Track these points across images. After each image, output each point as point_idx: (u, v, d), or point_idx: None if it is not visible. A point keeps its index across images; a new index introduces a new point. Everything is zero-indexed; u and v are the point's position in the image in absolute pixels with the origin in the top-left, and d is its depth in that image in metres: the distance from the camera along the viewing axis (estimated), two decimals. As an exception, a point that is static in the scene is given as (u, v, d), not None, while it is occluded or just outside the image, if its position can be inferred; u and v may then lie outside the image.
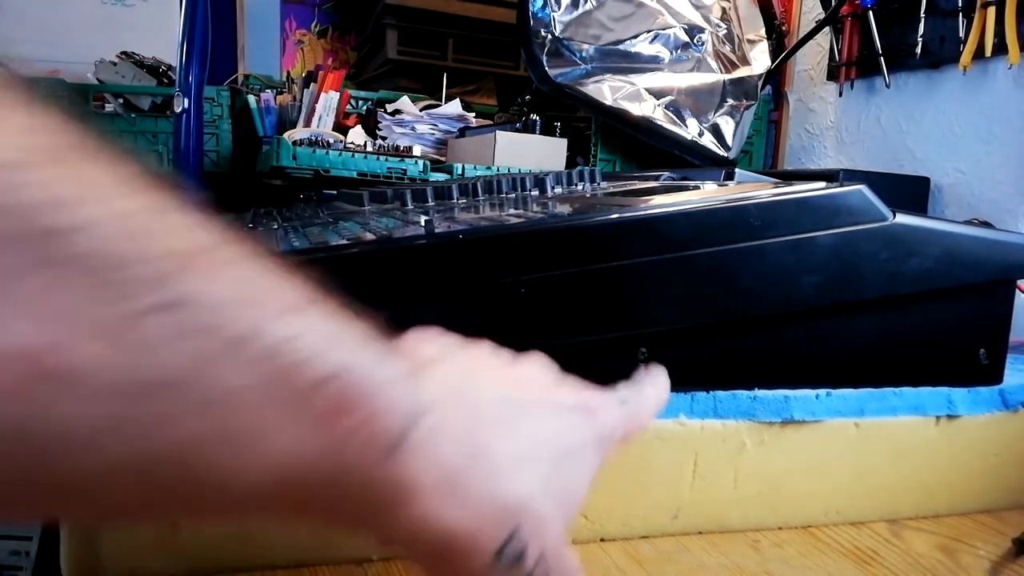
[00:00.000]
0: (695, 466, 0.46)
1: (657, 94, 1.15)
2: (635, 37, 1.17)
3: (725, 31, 1.23)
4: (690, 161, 1.17)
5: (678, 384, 0.45)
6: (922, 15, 1.04)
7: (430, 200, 0.66)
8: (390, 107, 1.31)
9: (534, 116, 1.17)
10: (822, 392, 0.47)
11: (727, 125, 1.19)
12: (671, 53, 1.18)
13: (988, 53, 0.94)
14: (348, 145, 1.13)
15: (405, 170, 1.02)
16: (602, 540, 0.45)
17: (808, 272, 0.44)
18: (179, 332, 0.15)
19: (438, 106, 1.33)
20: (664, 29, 1.18)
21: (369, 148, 1.12)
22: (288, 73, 1.63)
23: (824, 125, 1.27)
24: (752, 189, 0.48)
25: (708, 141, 1.17)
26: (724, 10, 1.23)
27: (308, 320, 0.18)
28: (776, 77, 1.34)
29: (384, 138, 1.22)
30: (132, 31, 1.62)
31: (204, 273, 0.16)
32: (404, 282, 0.38)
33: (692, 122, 1.16)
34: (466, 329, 0.40)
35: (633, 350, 0.44)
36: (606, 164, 1.22)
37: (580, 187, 0.73)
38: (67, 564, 0.37)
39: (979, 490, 0.52)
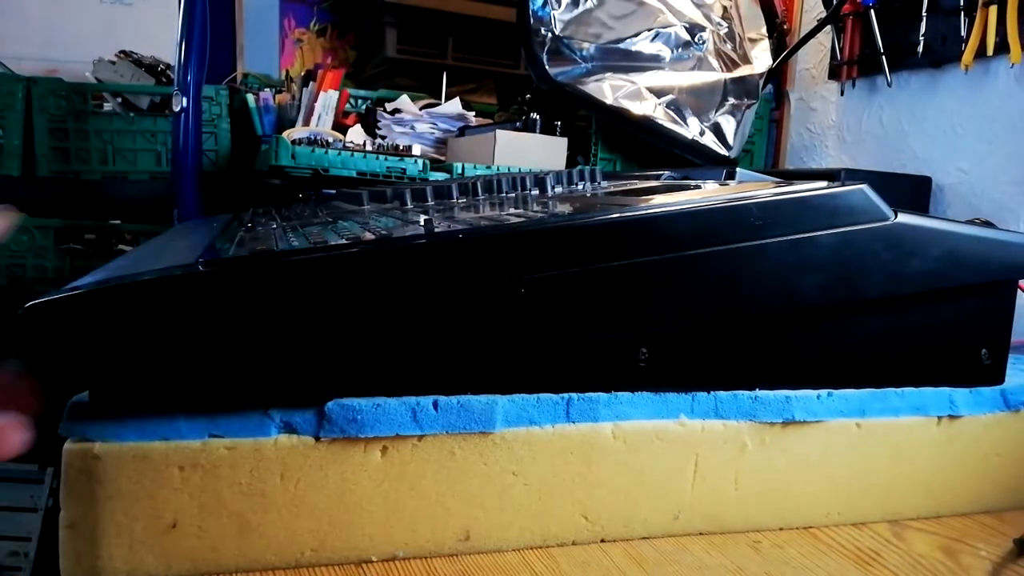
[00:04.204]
0: (696, 467, 0.45)
1: (658, 93, 1.15)
2: (636, 36, 1.16)
3: (726, 29, 1.23)
4: (691, 160, 1.17)
5: (679, 384, 0.45)
6: (924, 14, 1.04)
7: (430, 199, 0.66)
8: (389, 106, 1.30)
9: (534, 115, 1.17)
10: (823, 392, 0.47)
11: (728, 124, 1.18)
12: (672, 52, 1.18)
13: (990, 52, 0.94)
14: (347, 144, 1.12)
15: (404, 169, 1.02)
16: (603, 541, 0.45)
17: (809, 272, 0.44)
18: None
19: (438, 105, 1.32)
20: (665, 27, 1.18)
21: (368, 147, 1.11)
22: (287, 72, 1.63)
23: (825, 124, 1.26)
24: (753, 188, 0.48)
25: (709, 140, 1.17)
26: (725, 8, 1.23)
27: None
28: (777, 76, 1.34)
29: (383, 137, 1.21)
30: (131, 30, 1.62)
31: None
32: (404, 282, 0.38)
33: (693, 121, 1.16)
34: (466, 329, 0.40)
35: (634, 350, 0.44)
36: (607, 163, 1.21)
37: (580, 186, 0.73)
38: (66, 565, 0.37)
39: (981, 490, 0.52)
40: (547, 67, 1.11)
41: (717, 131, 1.18)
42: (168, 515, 0.37)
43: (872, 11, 1.10)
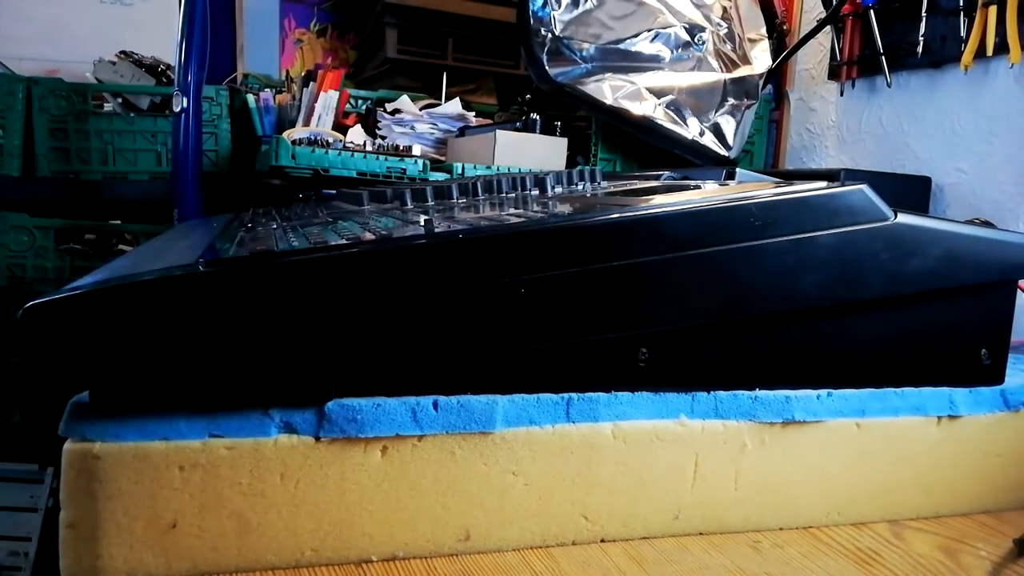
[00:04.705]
0: (696, 467, 0.45)
1: (658, 93, 1.15)
2: (636, 36, 1.16)
3: (726, 30, 1.23)
4: (691, 160, 1.17)
5: (679, 384, 0.45)
6: (923, 14, 1.04)
7: (430, 200, 0.66)
8: (390, 106, 1.30)
9: (534, 115, 1.17)
10: (823, 392, 0.47)
11: (728, 124, 1.18)
12: (672, 52, 1.18)
13: (989, 52, 0.94)
14: (347, 144, 1.12)
15: (404, 169, 1.02)
16: (603, 541, 0.45)
17: (809, 272, 0.44)
18: None
19: (438, 105, 1.32)
20: (665, 28, 1.18)
21: (368, 147, 1.12)
22: (287, 72, 1.63)
23: (825, 124, 1.26)
24: (753, 189, 0.48)
25: (709, 140, 1.17)
26: (725, 9, 1.23)
27: None
28: (777, 76, 1.34)
29: (384, 137, 1.21)
30: (131, 30, 1.62)
31: None
32: (404, 282, 0.38)
33: (693, 121, 1.16)
34: (466, 329, 0.40)
35: (634, 350, 0.44)
36: (606, 164, 1.21)
37: (580, 187, 0.73)
38: (66, 565, 0.37)
39: (980, 490, 0.52)
40: (547, 67, 1.11)
41: (717, 131, 1.18)
42: (168, 515, 0.37)
43: (872, 11, 1.10)
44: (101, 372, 0.35)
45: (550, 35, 1.12)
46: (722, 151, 1.17)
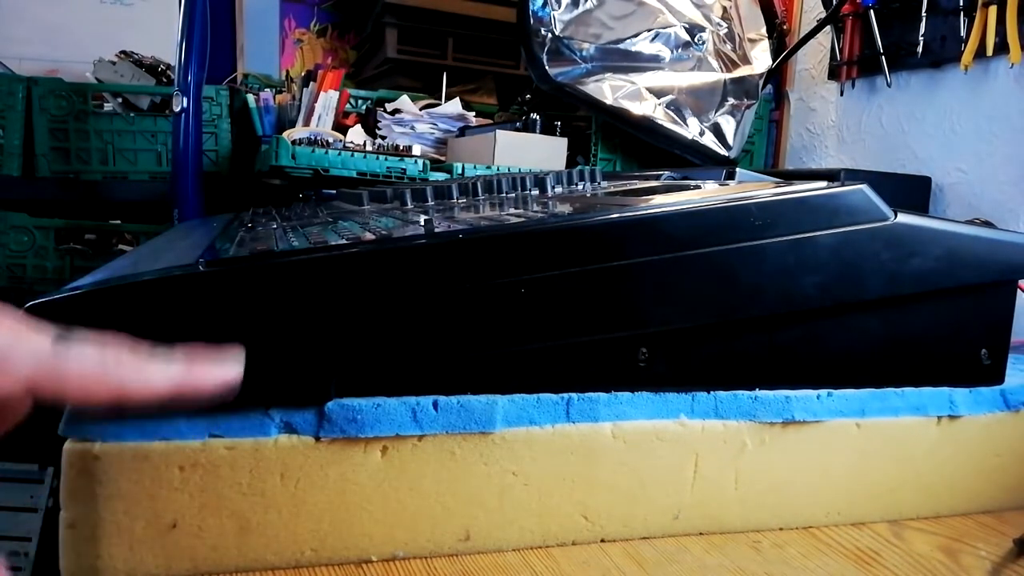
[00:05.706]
0: (696, 467, 0.45)
1: (658, 93, 1.15)
2: (636, 36, 1.16)
3: (726, 30, 1.23)
4: (691, 160, 1.17)
5: (679, 384, 0.45)
6: (923, 14, 1.04)
7: (430, 200, 0.66)
8: (390, 106, 1.30)
9: (534, 115, 1.17)
10: (823, 392, 0.47)
11: (728, 124, 1.18)
12: (672, 52, 1.18)
13: (989, 52, 0.94)
14: (347, 144, 1.12)
15: (405, 169, 1.02)
16: (603, 541, 0.45)
17: (809, 272, 0.44)
18: None
19: (438, 105, 1.32)
20: (665, 28, 1.18)
21: (368, 147, 1.12)
22: (287, 72, 1.63)
23: (825, 124, 1.26)
24: (753, 189, 0.48)
25: (709, 140, 1.17)
26: (725, 9, 1.23)
27: None
28: (777, 76, 1.34)
29: (384, 137, 1.22)
30: (131, 30, 1.62)
31: None
32: (404, 282, 0.38)
33: (693, 121, 1.16)
34: (466, 329, 0.40)
35: (633, 350, 0.44)
36: (606, 163, 1.21)
37: (580, 187, 0.73)
38: (66, 565, 0.37)
39: (980, 490, 0.52)
40: (547, 67, 1.11)
41: (717, 131, 1.18)
42: (168, 515, 0.37)
43: (872, 11, 1.10)
44: (101, 372, 0.35)
45: (550, 35, 1.12)
46: (722, 151, 1.17)
